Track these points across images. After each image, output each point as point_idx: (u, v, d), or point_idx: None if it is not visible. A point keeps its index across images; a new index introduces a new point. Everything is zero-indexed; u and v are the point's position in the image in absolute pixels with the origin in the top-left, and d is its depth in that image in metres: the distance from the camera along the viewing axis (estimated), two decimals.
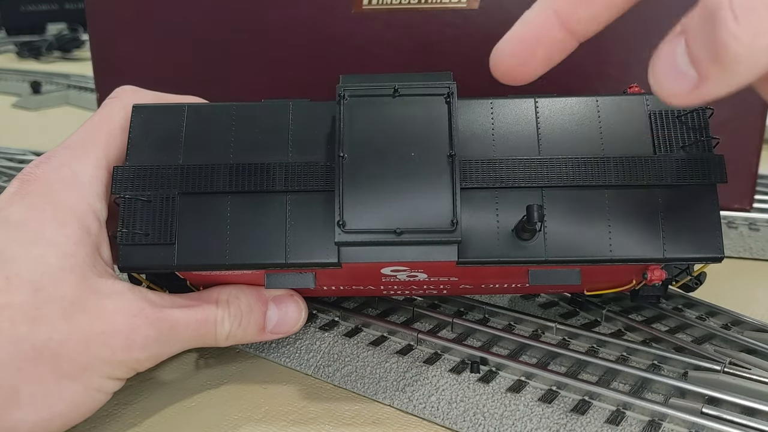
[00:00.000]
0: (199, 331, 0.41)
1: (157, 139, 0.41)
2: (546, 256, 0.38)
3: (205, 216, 0.40)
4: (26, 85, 1.25)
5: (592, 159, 0.39)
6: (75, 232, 0.38)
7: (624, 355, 0.46)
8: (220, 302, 0.42)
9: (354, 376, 0.45)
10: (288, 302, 0.44)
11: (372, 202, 0.37)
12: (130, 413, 0.43)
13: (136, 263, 0.39)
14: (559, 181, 0.39)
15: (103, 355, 0.37)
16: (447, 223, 0.37)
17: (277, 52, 0.65)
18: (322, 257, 0.39)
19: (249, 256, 0.39)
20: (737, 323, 0.49)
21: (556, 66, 0.34)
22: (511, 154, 0.40)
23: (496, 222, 0.39)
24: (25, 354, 0.35)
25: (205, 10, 0.66)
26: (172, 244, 0.39)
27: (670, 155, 0.39)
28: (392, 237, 0.37)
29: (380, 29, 0.62)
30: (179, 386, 0.45)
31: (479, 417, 0.41)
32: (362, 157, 0.38)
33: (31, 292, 0.36)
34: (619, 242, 0.38)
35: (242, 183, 0.40)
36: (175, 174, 0.40)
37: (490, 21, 0.60)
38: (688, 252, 0.38)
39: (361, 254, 0.38)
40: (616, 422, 0.40)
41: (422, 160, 0.38)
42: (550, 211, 0.39)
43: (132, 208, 0.40)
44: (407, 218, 0.37)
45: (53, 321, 0.36)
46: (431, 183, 0.37)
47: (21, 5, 1.75)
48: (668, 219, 0.39)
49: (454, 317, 0.49)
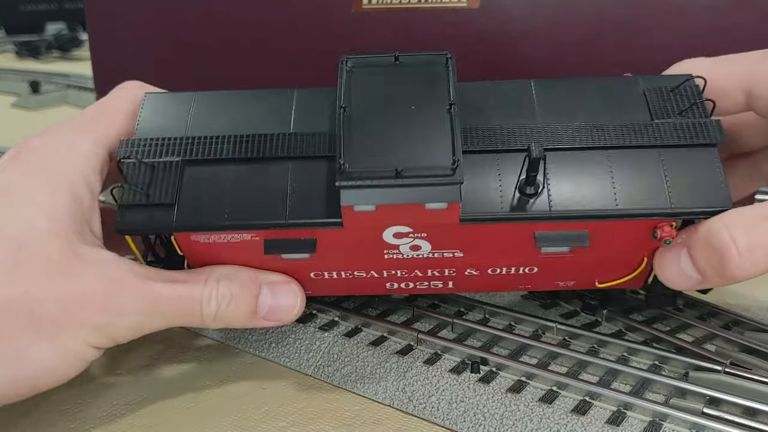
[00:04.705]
0: (183, 307, 0.40)
1: (165, 119, 0.42)
2: (551, 212, 0.38)
3: (208, 182, 0.40)
4: (25, 85, 1.25)
5: (591, 125, 0.40)
6: (65, 199, 0.38)
7: (625, 356, 0.46)
8: (209, 281, 0.41)
9: (354, 376, 0.45)
10: (283, 288, 0.43)
11: (372, 146, 0.37)
12: (130, 413, 0.42)
13: (134, 224, 0.39)
14: (559, 143, 0.40)
15: (80, 317, 0.37)
16: (448, 163, 0.36)
17: (276, 51, 0.65)
18: (324, 217, 0.39)
19: (248, 216, 0.39)
20: (738, 323, 0.49)
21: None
22: (511, 122, 0.41)
23: (498, 184, 0.39)
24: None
25: (204, 10, 0.66)
26: (173, 205, 0.39)
27: (668, 120, 0.40)
28: (393, 177, 0.36)
29: (380, 29, 0.62)
30: (179, 386, 0.45)
31: (479, 417, 0.41)
32: (363, 108, 0.39)
33: (14, 249, 0.36)
34: (624, 197, 0.38)
35: (245, 150, 0.40)
36: (179, 144, 0.41)
37: (490, 21, 0.59)
38: (696, 204, 0.38)
39: (363, 197, 0.37)
40: (617, 423, 0.40)
41: (423, 111, 0.38)
42: (553, 171, 0.39)
43: (135, 172, 0.40)
44: (408, 159, 0.37)
45: (31, 278, 0.36)
46: (432, 128, 0.38)
47: (20, 4, 1.75)
48: (672, 175, 0.39)
49: (455, 317, 0.49)
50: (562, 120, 0.41)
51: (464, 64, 0.57)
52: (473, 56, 0.61)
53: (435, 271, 0.44)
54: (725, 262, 0.37)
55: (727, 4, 0.56)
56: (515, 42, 0.59)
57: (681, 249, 0.39)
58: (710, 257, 0.37)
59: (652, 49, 0.58)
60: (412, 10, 0.61)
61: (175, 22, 0.67)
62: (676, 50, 0.58)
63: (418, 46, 0.61)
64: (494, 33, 0.60)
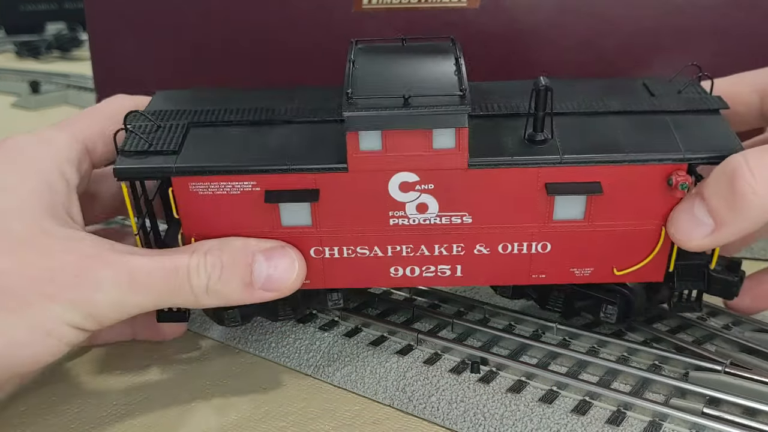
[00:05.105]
0: (168, 281, 0.38)
1: (173, 103, 0.43)
2: (561, 159, 0.38)
3: (211, 138, 0.40)
4: (25, 85, 1.25)
5: (596, 98, 0.42)
6: (36, 185, 0.39)
7: (625, 355, 0.46)
8: (197, 252, 0.39)
9: (354, 376, 0.45)
10: (279, 255, 0.40)
11: (381, 80, 0.38)
12: (130, 413, 0.42)
13: (132, 168, 0.39)
14: (566, 109, 0.41)
15: (49, 291, 0.36)
16: (455, 91, 0.37)
17: (276, 51, 0.65)
18: (328, 162, 0.39)
19: (250, 161, 0.39)
20: (738, 323, 0.49)
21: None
22: (517, 98, 0.42)
23: (506, 138, 0.39)
24: None
25: (204, 10, 0.66)
26: (174, 153, 0.39)
27: (669, 96, 0.42)
28: (401, 103, 0.36)
29: (380, 29, 0.62)
30: (179, 386, 0.45)
31: (479, 417, 0.41)
32: (372, 61, 0.40)
33: None
34: (635, 146, 0.39)
35: (251, 116, 0.41)
36: (186, 113, 0.42)
37: (490, 21, 0.59)
38: (708, 151, 0.38)
39: (370, 122, 0.37)
40: (617, 422, 0.40)
41: (429, 60, 0.40)
42: (561, 130, 0.39)
43: (140, 129, 0.40)
44: (416, 87, 0.37)
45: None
46: (438, 68, 0.39)
47: (20, 4, 1.75)
48: (681, 131, 0.40)
49: (455, 317, 0.49)
50: (566, 102, 0.42)
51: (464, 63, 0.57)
52: (473, 56, 0.61)
53: (442, 248, 0.42)
54: (737, 183, 0.36)
55: (727, 4, 0.56)
56: (515, 42, 0.59)
57: (694, 198, 0.39)
58: (722, 186, 0.37)
59: (652, 48, 0.58)
60: (412, 10, 0.60)
61: (175, 22, 0.67)
62: (676, 50, 0.58)
63: None
64: (494, 33, 0.60)
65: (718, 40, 0.57)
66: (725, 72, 0.46)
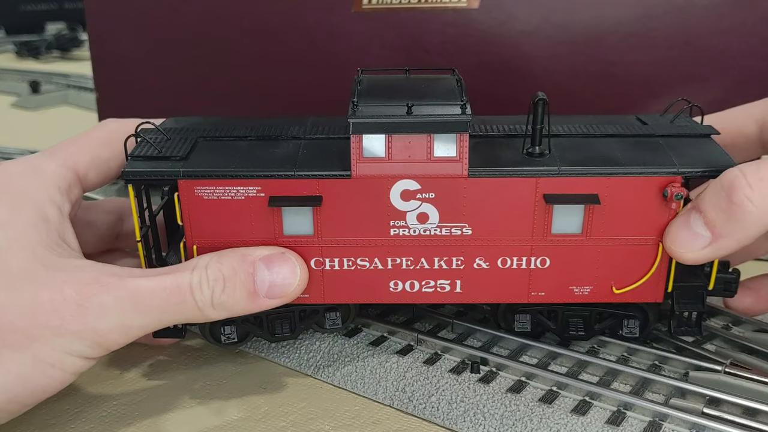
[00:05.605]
0: (172, 299, 0.38)
1: (184, 124, 0.45)
2: (559, 170, 0.39)
3: (219, 149, 0.42)
4: (25, 85, 1.25)
5: (591, 123, 0.45)
6: (30, 216, 0.38)
7: (625, 356, 0.46)
8: (197, 267, 0.39)
9: (354, 376, 0.45)
10: (279, 261, 0.40)
11: (385, 93, 0.40)
12: (130, 413, 0.42)
13: (140, 171, 0.40)
14: (563, 132, 0.43)
15: (53, 324, 0.36)
16: (457, 100, 0.39)
17: (276, 51, 0.65)
18: (332, 170, 0.40)
19: (256, 167, 0.40)
20: (738, 323, 0.49)
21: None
22: (514, 124, 0.44)
23: (506, 153, 0.41)
24: None
25: (204, 10, 0.66)
26: (184, 158, 0.41)
27: (662, 123, 0.44)
28: (404, 111, 0.38)
29: (380, 29, 0.62)
30: (179, 386, 0.45)
31: (479, 417, 0.41)
32: (376, 80, 0.43)
33: None
34: (630, 161, 0.40)
35: (259, 132, 0.43)
36: (196, 128, 0.44)
37: (490, 21, 0.59)
38: (703, 166, 0.40)
39: (374, 128, 0.38)
40: (617, 423, 0.40)
41: (432, 83, 0.42)
42: (558, 148, 0.41)
43: (150, 138, 0.42)
44: (419, 97, 0.39)
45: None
46: (441, 81, 0.42)
47: (20, 4, 1.75)
48: (674, 150, 0.41)
49: (455, 317, 0.49)
50: (563, 126, 0.44)
51: (463, 63, 0.57)
52: (473, 56, 0.61)
53: (442, 261, 0.42)
54: (734, 194, 0.36)
55: (727, 4, 0.56)
56: (515, 42, 0.59)
57: (690, 211, 0.39)
58: (719, 198, 0.37)
59: (652, 49, 0.58)
60: (412, 10, 0.61)
61: (175, 23, 0.67)
62: (676, 50, 0.58)
63: (418, 46, 0.61)
64: (494, 33, 0.60)
65: (718, 40, 0.57)
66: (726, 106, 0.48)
